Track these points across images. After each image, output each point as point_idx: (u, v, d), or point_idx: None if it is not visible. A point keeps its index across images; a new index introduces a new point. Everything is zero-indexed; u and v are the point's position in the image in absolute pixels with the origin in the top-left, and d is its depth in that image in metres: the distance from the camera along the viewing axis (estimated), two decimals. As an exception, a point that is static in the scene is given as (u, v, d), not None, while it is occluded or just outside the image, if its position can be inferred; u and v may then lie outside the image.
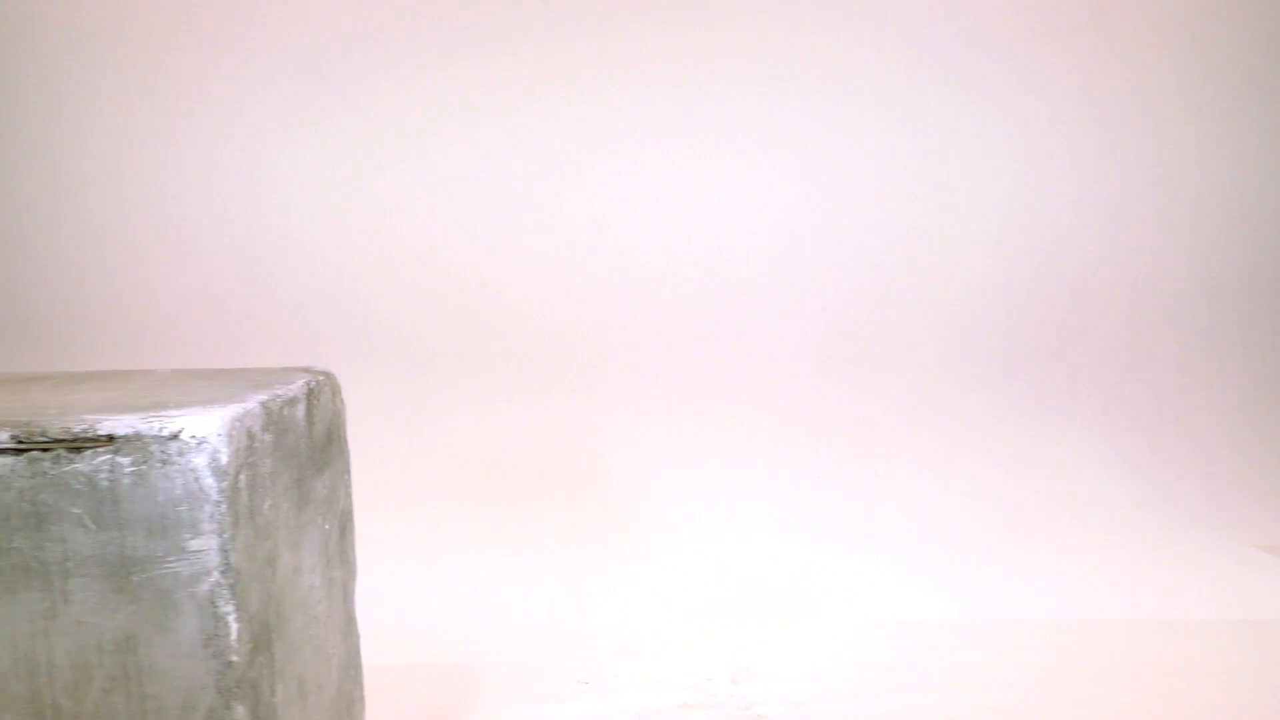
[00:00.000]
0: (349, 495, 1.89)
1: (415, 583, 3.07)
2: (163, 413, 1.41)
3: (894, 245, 3.86)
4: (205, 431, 1.37)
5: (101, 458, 1.35)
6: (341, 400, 1.85)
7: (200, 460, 1.36)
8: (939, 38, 3.84)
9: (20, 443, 1.35)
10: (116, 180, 3.85)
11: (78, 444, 1.35)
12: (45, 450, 1.35)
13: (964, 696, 2.26)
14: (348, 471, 1.90)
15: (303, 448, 1.65)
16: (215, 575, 1.38)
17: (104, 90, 3.79)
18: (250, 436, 1.44)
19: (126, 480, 1.36)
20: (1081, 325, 3.96)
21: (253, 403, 1.48)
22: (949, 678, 2.38)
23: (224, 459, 1.37)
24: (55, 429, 1.36)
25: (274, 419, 1.53)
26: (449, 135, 3.84)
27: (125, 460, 1.36)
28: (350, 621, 1.89)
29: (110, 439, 1.36)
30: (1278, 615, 2.75)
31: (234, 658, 1.39)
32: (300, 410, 1.64)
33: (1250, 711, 2.21)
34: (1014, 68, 3.75)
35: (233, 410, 1.42)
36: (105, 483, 1.35)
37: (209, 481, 1.37)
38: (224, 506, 1.37)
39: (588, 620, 2.75)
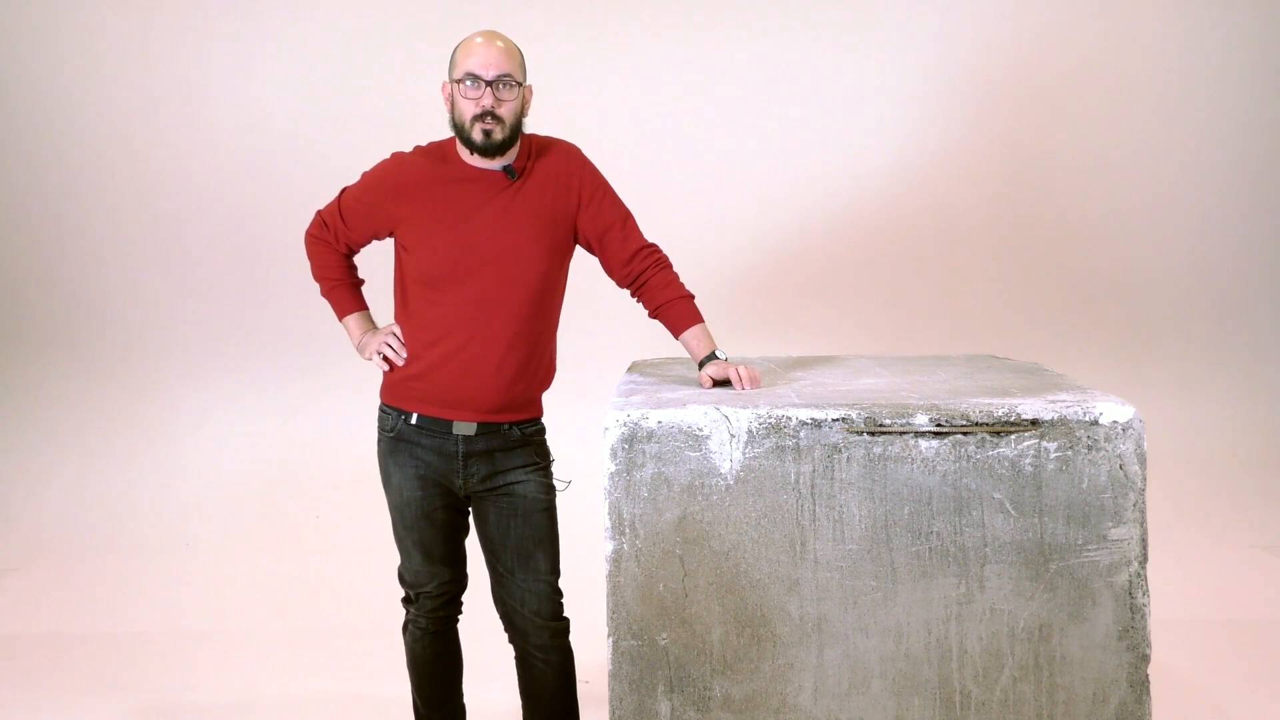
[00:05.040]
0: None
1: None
2: (1064, 397, 1.39)
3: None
4: (1127, 417, 1.34)
5: (1026, 442, 1.34)
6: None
7: (1127, 447, 1.33)
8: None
9: (940, 426, 1.35)
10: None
11: (1000, 428, 1.34)
12: (967, 434, 1.35)
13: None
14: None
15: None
16: (1134, 566, 1.34)
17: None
18: (1129, 425, 1.40)
19: (1050, 466, 1.34)
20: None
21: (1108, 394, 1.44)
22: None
23: (1146, 446, 1.34)
24: (976, 413, 1.35)
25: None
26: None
27: (1050, 445, 1.34)
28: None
29: (1034, 423, 1.34)
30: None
31: (1148, 651, 1.35)
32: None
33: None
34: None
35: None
36: (1029, 468, 1.34)
37: (1135, 469, 1.33)
38: (1145, 495, 1.34)
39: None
